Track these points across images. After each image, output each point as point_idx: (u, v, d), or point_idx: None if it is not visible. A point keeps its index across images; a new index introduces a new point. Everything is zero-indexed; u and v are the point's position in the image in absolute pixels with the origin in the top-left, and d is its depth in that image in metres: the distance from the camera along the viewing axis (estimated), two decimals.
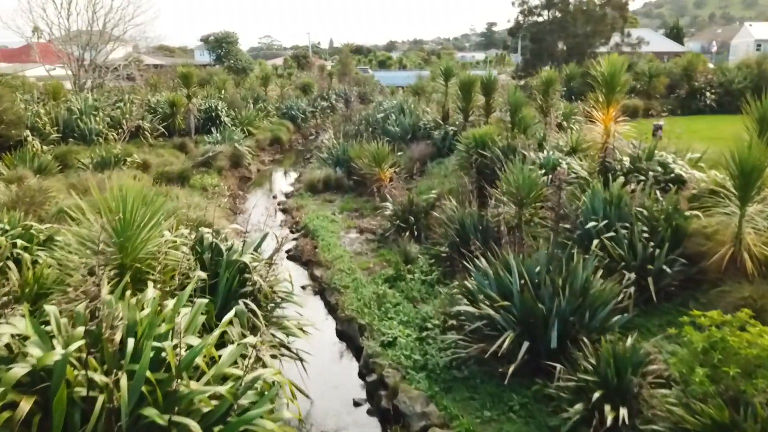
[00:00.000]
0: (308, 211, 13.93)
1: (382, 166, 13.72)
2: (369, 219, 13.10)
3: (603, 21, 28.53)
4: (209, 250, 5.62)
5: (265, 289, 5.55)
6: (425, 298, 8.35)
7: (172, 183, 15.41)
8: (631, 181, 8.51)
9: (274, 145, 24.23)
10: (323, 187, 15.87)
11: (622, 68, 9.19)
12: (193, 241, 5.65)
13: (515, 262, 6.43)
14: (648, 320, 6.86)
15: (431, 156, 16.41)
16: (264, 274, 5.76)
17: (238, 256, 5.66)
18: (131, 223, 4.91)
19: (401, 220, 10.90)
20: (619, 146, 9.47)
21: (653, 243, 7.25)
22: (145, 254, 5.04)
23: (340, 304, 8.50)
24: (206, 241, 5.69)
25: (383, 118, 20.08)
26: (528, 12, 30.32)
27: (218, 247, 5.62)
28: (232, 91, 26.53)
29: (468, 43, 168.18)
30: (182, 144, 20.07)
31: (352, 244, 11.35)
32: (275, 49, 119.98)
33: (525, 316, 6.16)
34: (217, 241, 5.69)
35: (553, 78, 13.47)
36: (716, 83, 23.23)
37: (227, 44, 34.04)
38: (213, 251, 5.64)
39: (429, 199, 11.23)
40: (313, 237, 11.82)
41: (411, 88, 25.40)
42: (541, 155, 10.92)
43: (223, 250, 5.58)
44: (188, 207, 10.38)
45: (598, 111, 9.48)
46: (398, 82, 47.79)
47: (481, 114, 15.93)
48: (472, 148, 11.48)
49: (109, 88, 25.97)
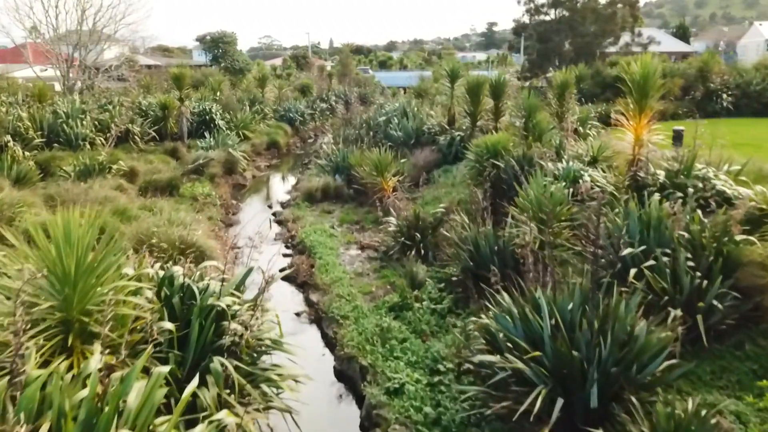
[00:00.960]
0: (305, 223, 12.96)
1: (385, 175, 12.73)
2: (371, 233, 12.12)
3: (613, 20, 27.54)
4: (179, 293, 4.64)
5: (247, 340, 4.57)
6: (435, 331, 7.36)
7: (161, 192, 14.45)
8: (668, 198, 7.51)
9: (270, 149, 23.26)
10: (322, 197, 14.89)
11: (656, 70, 8.19)
12: (160, 282, 4.66)
13: (545, 301, 5.44)
14: (698, 365, 5.87)
15: (436, 163, 15.44)
16: (247, 320, 4.78)
17: (215, 299, 4.68)
18: (78, 268, 3.93)
19: (406, 236, 9.92)
20: (651, 158, 8.48)
21: (700, 273, 6.27)
22: (97, 304, 4.06)
23: (339, 338, 7.51)
24: (176, 281, 4.71)
25: (385, 121, 19.11)
26: (534, 11, 29.31)
27: (191, 288, 4.64)
28: (228, 92, 25.54)
29: (468, 43, 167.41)
30: (174, 149, 19.10)
31: (353, 262, 10.37)
32: (275, 49, 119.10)
33: (558, 366, 5.18)
34: (190, 281, 4.71)
35: (569, 80, 12.47)
36: (732, 84, 22.24)
37: (224, 44, 33.02)
38: (185, 293, 4.67)
39: (437, 213, 10.25)
40: (309, 254, 10.84)
41: (413, 89, 24.41)
42: (560, 166, 9.94)
43: (196, 292, 4.60)
44: (171, 224, 9.39)
45: (629, 118, 8.48)
46: (399, 83, 46.85)
47: (489, 118, 14.95)
48: (483, 157, 10.50)
49: (100, 89, 24.98)
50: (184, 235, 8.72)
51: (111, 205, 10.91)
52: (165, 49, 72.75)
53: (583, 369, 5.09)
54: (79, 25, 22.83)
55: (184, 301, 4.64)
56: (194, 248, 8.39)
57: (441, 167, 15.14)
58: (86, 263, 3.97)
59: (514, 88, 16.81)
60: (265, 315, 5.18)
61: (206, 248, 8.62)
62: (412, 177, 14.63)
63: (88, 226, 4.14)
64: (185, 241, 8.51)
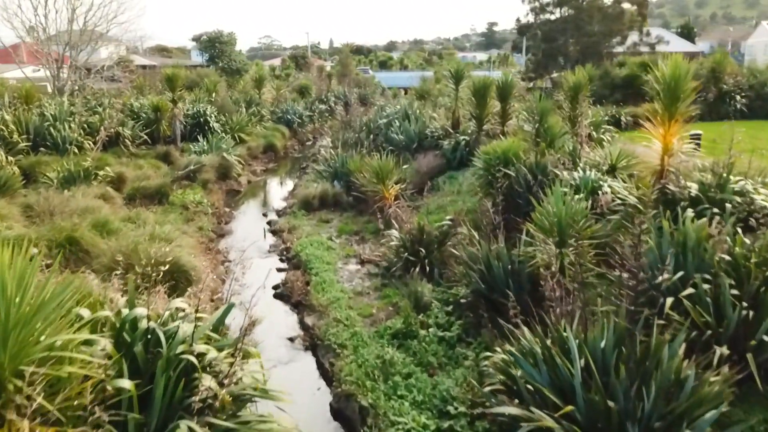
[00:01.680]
0: (301, 233, 12.18)
1: (386, 183, 11.95)
2: (371, 245, 11.36)
3: (620, 19, 26.74)
4: (143, 338, 3.88)
5: (224, 396, 3.80)
6: (444, 363, 6.59)
7: (149, 200, 13.69)
8: (703, 215, 6.74)
9: (267, 152, 22.48)
10: (319, 204, 14.11)
11: (688, 71, 7.42)
12: (119, 327, 3.89)
13: (575, 342, 4.67)
14: (748, 412, 5.10)
15: (440, 169, 14.68)
16: (225, 370, 4.01)
17: (187, 346, 3.91)
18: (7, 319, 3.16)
19: (410, 252, 9.14)
20: (681, 169, 7.70)
21: (746, 304, 5.50)
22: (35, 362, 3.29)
23: (336, 370, 6.74)
24: (140, 324, 3.94)
25: (386, 124, 18.35)
26: (539, 9, 28.50)
27: (156, 334, 3.87)
28: (224, 94, 24.77)
29: (468, 43, 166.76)
30: (166, 153, 18.32)
31: (352, 279, 9.60)
32: (275, 49, 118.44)
33: (591, 420, 4.42)
34: (156, 325, 3.94)
35: (582, 81, 11.70)
36: (746, 86, 21.45)
37: (220, 44, 32.21)
38: (149, 340, 3.90)
39: (443, 226, 9.47)
40: (305, 270, 10.06)
41: (415, 90, 23.63)
42: (576, 175, 9.18)
43: (162, 339, 3.83)
44: (153, 239, 8.62)
45: (656, 125, 7.70)
46: (400, 83, 46.09)
47: (496, 122, 14.19)
48: (493, 165, 9.73)
49: (92, 91, 24.20)
50: (166, 253, 7.92)
51: (92, 216, 10.13)
52: (163, 49, 72.03)
53: (622, 424, 4.33)
54: (69, 24, 22.06)
55: (149, 350, 3.87)
56: (177, 268, 7.62)
57: (445, 173, 14.38)
58: (21, 313, 3.21)
59: (521, 89, 16.03)
60: (249, 361, 4.39)
61: (191, 268, 7.84)
62: (415, 184, 13.87)
63: (26, 265, 3.37)
64: (167, 260, 7.72)
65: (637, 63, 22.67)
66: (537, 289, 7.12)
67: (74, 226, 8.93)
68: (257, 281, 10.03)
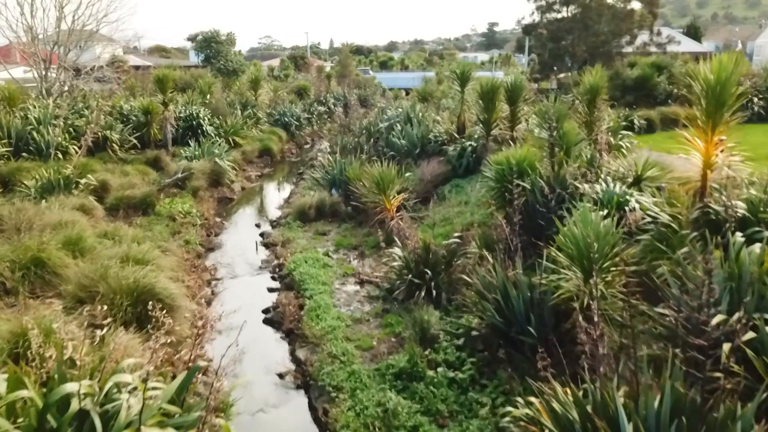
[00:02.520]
0: (296, 247, 11.29)
1: (388, 194, 11.05)
2: (372, 261, 10.47)
3: (630, 18, 25.81)
4: (73, 423, 2.98)
5: None
6: (456, 412, 5.69)
7: (134, 211, 12.78)
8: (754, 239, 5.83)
9: (263, 156, 21.56)
10: (316, 215, 13.21)
11: (734, 73, 6.50)
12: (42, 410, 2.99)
13: (624, 412, 3.77)
14: None
15: (445, 176, 13.77)
16: None
17: (133, 430, 3.01)
18: None
19: (414, 273, 8.24)
20: (720, 182, 6.78)
21: None
22: None
23: (331, 420, 5.83)
24: (72, 404, 3.04)
25: (387, 128, 17.43)
26: (546, 8, 27.55)
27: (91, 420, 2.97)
28: (219, 96, 23.85)
29: (469, 44, 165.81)
30: (156, 158, 17.42)
31: (350, 302, 8.70)
32: (275, 50, 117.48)
33: None
34: (92, 406, 3.03)
35: (601, 83, 10.80)
36: (763, 87, 20.56)
37: (216, 44, 31.27)
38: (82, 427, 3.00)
39: (450, 244, 8.56)
40: (298, 291, 9.16)
41: (417, 92, 22.69)
42: (598, 188, 8.27)
43: (98, 425, 2.93)
44: (127, 260, 7.71)
45: (696, 135, 6.79)
46: (401, 84, 45.21)
47: (505, 127, 13.30)
48: (505, 176, 8.82)
49: (82, 92, 23.28)
50: (139, 279, 7.03)
51: (65, 231, 9.21)
52: (162, 49, 71.16)
53: None
54: (57, 23, 21.13)
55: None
56: (152, 295, 6.72)
57: (450, 181, 13.48)
58: None
59: (530, 91, 15.12)
60: None
61: (168, 296, 6.93)
62: (418, 192, 12.98)
63: None
64: (141, 285, 6.83)
65: (648, 63, 21.76)
66: (561, 324, 6.24)
67: (41, 245, 8.02)
68: (246, 304, 9.19)
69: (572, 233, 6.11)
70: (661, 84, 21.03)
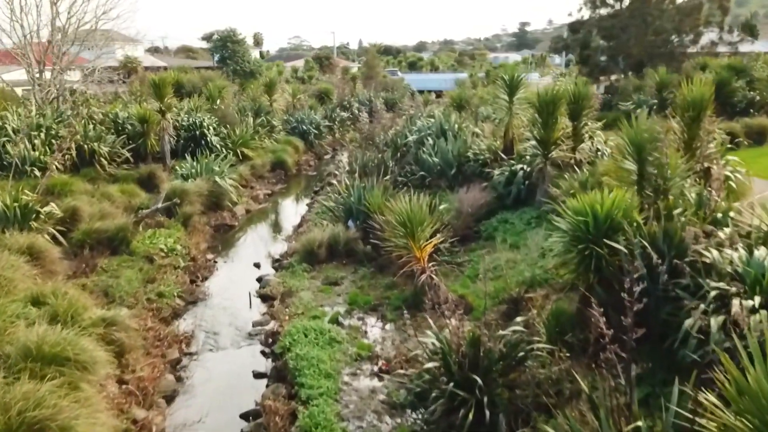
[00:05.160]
0: (298, 304, 8.75)
1: (417, 237, 8.41)
2: (395, 331, 7.85)
3: (697, 12, 22.61)
4: None
5: None
6: None
7: (105, 247, 10.35)
8: None
9: (276, 170, 19.09)
10: (327, 255, 10.62)
11: None
12: None
13: None
14: None
15: (489, 207, 11.07)
16: None
17: None
18: None
19: (456, 382, 5.55)
20: None
21: None
22: None
23: None
24: None
25: (416, 141, 14.80)
26: (599, 2, 24.44)
27: None
28: (229, 101, 21.49)
29: (499, 44, 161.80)
30: (150, 175, 15.10)
31: (363, 410, 6.10)
32: (303, 50, 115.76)
33: None
34: None
35: (707, 95, 8.00)
36: None
37: (232, 43, 28.98)
38: None
39: (511, 338, 5.84)
40: (293, 385, 6.57)
41: (452, 98, 19.90)
42: (735, 256, 5.50)
43: None
44: (37, 356, 5.21)
45: None
46: (431, 86, 42.38)
47: (567, 147, 10.53)
48: (590, 234, 6.07)
49: (84, 96, 21.15)
50: (41, 399, 4.51)
51: None
52: (189, 50, 69.72)
53: None
54: (51, 22, 19.01)
55: None
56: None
57: (496, 215, 10.77)
58: None
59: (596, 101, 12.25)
60: None
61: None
62: (455, 229, 10.30)
63: None
64: (31, 421, 4.32)
65: (723, 66, 18.61)
66: None
67: None
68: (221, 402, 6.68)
69: (754, 380, 3.35)
70: (740, 90, 17.89)
